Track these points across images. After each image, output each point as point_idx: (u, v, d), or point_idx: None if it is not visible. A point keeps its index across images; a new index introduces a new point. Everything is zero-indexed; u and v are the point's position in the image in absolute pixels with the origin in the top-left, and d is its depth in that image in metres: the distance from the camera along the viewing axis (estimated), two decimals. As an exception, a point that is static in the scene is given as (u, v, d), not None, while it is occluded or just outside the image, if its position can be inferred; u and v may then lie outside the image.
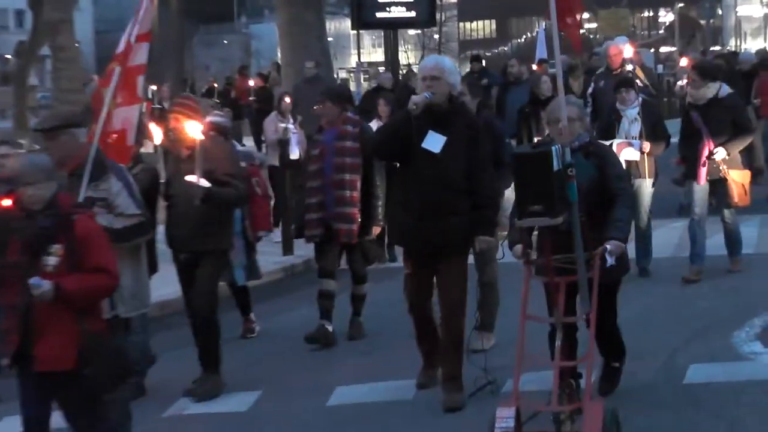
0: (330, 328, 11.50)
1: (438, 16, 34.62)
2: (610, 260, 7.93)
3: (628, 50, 17.44)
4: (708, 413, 8.69)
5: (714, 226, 13.11)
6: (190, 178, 9.66)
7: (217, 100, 27.37)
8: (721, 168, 12.54)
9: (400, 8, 25.11)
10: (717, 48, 48.10)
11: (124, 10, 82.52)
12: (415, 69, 29.12)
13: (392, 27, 26.74)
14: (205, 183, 9.62)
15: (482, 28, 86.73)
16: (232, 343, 11.32)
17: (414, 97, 9.02)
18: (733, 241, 13.18)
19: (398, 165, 9.67)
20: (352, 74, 33.48)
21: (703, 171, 12.56)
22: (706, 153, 12.48)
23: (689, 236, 13.01)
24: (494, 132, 10.56)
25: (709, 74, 12.73)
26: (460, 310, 9.31)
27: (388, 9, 25.11)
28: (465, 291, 9.35)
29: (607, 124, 13.20)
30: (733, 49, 48.53)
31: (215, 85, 38.22)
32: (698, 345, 10.45)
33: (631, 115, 12.89)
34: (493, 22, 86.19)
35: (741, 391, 9.13)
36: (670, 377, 9.57)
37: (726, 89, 12.74)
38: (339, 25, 59.17)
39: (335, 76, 26.60)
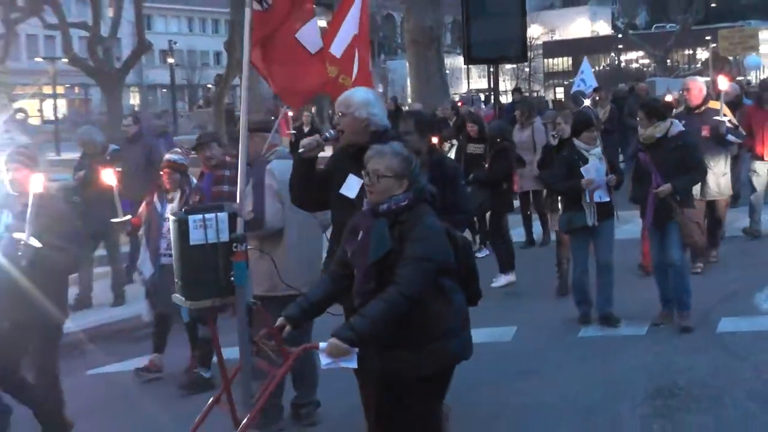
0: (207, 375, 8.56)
1: (528, 54, 34.32)
2: (325, 361, 4.91)
3: (722, 83, 12.00)
4: (735, 356, 8.45)
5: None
6: (19, 235, 6.51)
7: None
8: (673, 207, 9.25)
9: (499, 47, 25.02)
10: (740, 78, 46.38)
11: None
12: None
13: (494, 62, 26.63)
14: (35, 243, 6.46)
15: (561, 63, 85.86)
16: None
17: (304, 140, 6.11)
18: (680, 291, 9.45)
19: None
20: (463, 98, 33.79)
21: (651, 213, 9.39)
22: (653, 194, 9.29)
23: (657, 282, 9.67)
24: (446, 173, 6.77)
25: (656, 113, 9.39)
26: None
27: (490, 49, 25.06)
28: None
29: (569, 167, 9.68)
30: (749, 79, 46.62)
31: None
32: (728, 304, 10.20)
33: (597, 155, 9.74)
34: (570, 58, 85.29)
35: (762, 338, 8.91)
36: (706, 328, 9.35)
37: (677, 127, 9.48)
38: (453, 61, 58.98)
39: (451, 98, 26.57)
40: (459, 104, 22.57)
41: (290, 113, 21.37)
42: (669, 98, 18.99)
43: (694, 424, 6.92)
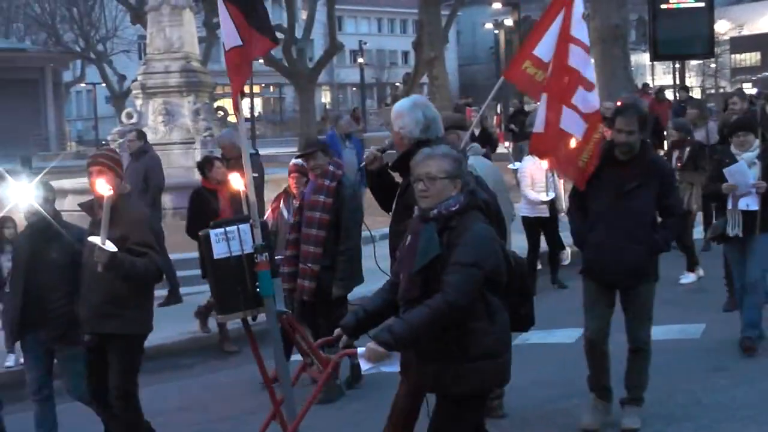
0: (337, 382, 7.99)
1: (716, 50, 33.33)
2: (365, 366, 4.68)
3: None
4: None
5: None
6: (94, 239, 5.94)
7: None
8: None
9: (686, 44, 24.45)
10: None
11: (478, 49, 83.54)
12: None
13: (680, 59, 26.05)
14: (111, 246, 5.87)
15: (749, 58, 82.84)
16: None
17: (366, 153, 6.11)
18: None
19: None
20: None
21: None
22: None
23: None
24: (662, 173, 6.76)
25: None
26: None
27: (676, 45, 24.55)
28: None
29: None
30: None
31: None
32: None
33: (749, 159, 8.38)
34: (758, 53, 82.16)
35: None
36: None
37: None
38: (638, 58, 57.85)
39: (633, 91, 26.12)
40: None
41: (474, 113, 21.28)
42: None
43: None
